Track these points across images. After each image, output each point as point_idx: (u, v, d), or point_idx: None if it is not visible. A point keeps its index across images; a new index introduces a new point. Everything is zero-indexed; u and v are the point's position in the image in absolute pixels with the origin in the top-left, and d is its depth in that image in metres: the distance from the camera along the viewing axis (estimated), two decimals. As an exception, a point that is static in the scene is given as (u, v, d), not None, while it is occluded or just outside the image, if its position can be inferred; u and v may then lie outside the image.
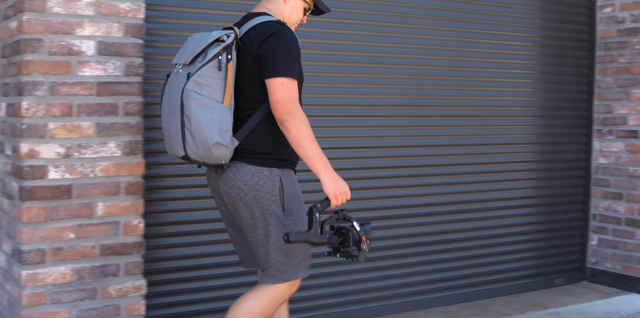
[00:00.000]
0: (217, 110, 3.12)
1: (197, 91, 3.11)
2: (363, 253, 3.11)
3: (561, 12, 5.86)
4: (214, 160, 3.16)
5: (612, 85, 5.94)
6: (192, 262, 4.32)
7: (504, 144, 5.61)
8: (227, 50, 3.14)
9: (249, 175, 3.21)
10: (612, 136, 5.94)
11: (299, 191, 3.32)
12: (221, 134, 3.12)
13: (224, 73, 3.14)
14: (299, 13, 3.46)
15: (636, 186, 5.76)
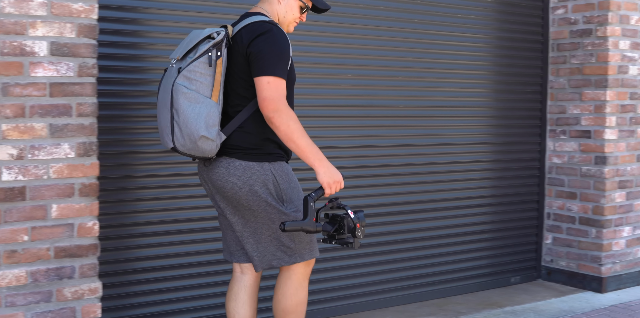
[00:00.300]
0: (204, 104, 3.24)
1: (186, 85, 3.23)
2: (357, 239, 3.24)
3: (514, 14, 5.93)
4: (200, 153, 3.29)
5: (564, 86, 6.02)
6: (166, 262, 4.32)
7: (459, 145, 5.66)
8: (217, 47, 3.26)
9: (241, 170, 3.34)
10: (565, 136, 6.02)
11: (294, 179, 3.45)
12: (207, 128, 3.24)
13: (213, 69, 3.26)
14: (295, 12, 3.54)
15: (589, 186, 5.84)
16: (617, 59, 5.76)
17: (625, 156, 5.86)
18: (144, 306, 4.32)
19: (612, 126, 5.77)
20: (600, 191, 5.77)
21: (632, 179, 5.92)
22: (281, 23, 3.56)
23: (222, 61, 3.29)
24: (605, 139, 5.74)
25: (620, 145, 5.82)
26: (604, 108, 5.74)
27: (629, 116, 5.87)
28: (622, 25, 5.78)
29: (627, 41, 5.82)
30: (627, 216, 5.91)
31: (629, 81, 5.85)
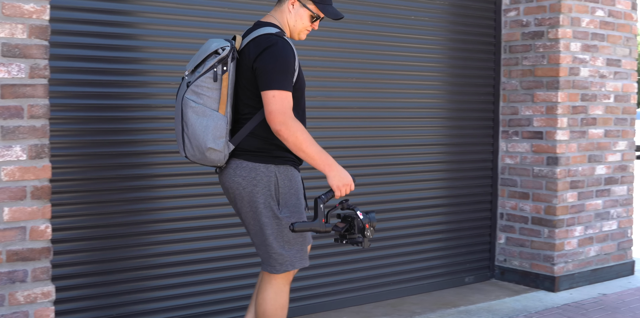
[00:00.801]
0: (212, 118, 3.40)
1: (194, 99, 3.40)
2: (367, 239, 3.39)
3: (467, 16, 5.98)
4: (209, 162, 3.47)
5: (517, 87, 6.09)
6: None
7: (412, 145, 5.69)
8: (222, 62, 3.42)
9: (247, 171, 3.47)
10: (517, 137, 6.08)
11: (297, 186, 3.53)
12: (214, 139, 3.41)
13: (219, 84, 3.41)
14: (304, 21, 3.63)
15: (542, 186, 5.92)
16: (568, 60, 5.84)
17: (577, 156, 5.95)
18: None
19: (564, 127, 5.84)
20: (552, 192, 5.85)
21: (583, 179, 6.00)
22: (292, 31, 3.66)
23: (229, 75, 3.43)
24: (556, 140, 5.82)
25: (571, 146, 5.90)
26: (556, 109, 5.81)
27: (580, 117, 5.95)
28: (573, 27, 5.86)
29: (578, 43, 5.90)
30: (578, 216, 5.99)
31: (580, 83, 5.93)
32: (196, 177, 4.63)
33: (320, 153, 3.42)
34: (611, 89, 6.20)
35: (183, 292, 4.60)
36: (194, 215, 4.64)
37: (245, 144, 3.50)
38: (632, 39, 6.38)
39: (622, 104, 6.30)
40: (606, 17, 6.11)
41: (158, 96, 4.44)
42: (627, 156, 6.37)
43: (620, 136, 6.31)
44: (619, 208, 6.33)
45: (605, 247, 6.22)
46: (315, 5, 3.62)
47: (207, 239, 4.70)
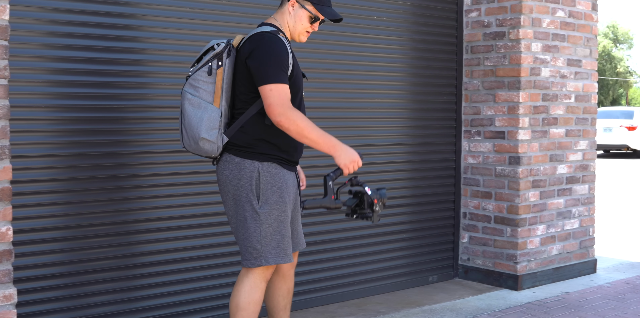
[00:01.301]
0: (207, 110, 3.58)
1: (191, 92, 3.61)
2: (376, 214, 3.54)
3: (429, 16, 6.03)
4: (203, 152, 3.64)
5: (479, 87, 6.15)
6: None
7: (374, 146, 5.73)
8: (217, 57, 3.60)
9: (233, 165, 3.62)
10: (479, 136, 6.14)
11: (281, 184, 3.63)
12: (207, 130, 3.57)
13: (214, 78, 3.59)
14: (303, 22, 3.76)
15: (504, 185, 5.98)
16: (529, 61, 5.91)
17: (538, 156, 6.02)
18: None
19: (525, 126, 5.91)
20: (515, 191, 5.91)
21: (545, 178, 6.07)
22: (292, 33, 3.79)
23: (223, 70, 3.60)
24: (518, 140, 5.88)
25: (533, 145, 5.97)
26: (517, 109, 5.88)
27: (541, 117, 6.02)
28: (534, 28, 5.93)
29: (539, 44, 5.97)
30: (540, 215, 6.06)
31: (541, 83, 6.00)
32: (178, 177, 4.66)
33: (322, 136, 3.59)
34: (572, 89, 6.28)
35: (163, 291, 4.59)
36: (174, 215, 4.66)
37: (235, 138, 3.63)
38: (592, 40, 6.46)
39: (582, 104, 6.39)
40: (567, 18, 6.19)
41: (144, 97, 4.44)
42: (588, 156, 6.46)
43: (581, 135, 6.39)
44: (581, 207, 6.41)
45: (567, 246, 6.30)
46: (313, 6, 3.75)
47: (188, 238, 4.72)
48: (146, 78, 4.56)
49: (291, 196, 3.72)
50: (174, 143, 4.62)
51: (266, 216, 3.61)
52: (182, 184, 4.70)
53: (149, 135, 4.57)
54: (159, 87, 4.61)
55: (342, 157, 3.64)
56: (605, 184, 15.11)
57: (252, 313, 3.70)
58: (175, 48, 4.66)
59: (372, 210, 3.57)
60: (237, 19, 4.90)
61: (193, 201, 4.75)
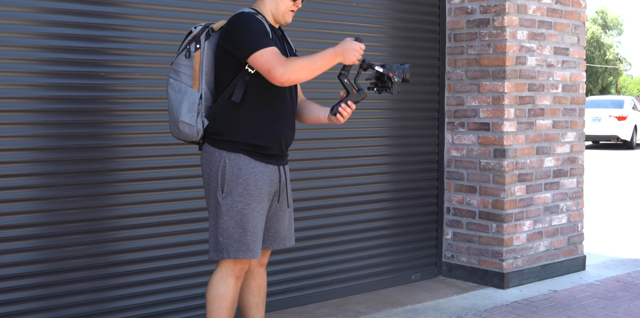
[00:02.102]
0: (187, 93, 3.70)
1: (174, 77, 3.74)
2: (395, 84, 3.74)
3: (410, 3, 6.07)
4: (184, 136, 3.75)
5: (462, 77, 6.20)
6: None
7: (354, 138, 5.77)
8: (195, 39, 3.72)
9: (207, 154, 3.75)
10: (463, 128, 6.20)
11: (246, 176, 3.71)
12: (186, 113, 3.68)
13: (192, 60, 3.71)
14: (286, 1, 3.83)
15: (489, 179, 6.04)
16: (514, 49, 5.97)
17: (525, 148, 6.08)
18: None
19: (511, 118, 5.97)
20: (500, 185, 5.97)
21: (531, 172, 6.14)
22: (276, 16, 3.86)
23: (202, 52, 3.71)
24: (504, 132, 5.94)
25: (519, 137, 6.03)
26: (502, 100, 5.94)
27: (527, 107, 6.09)
28: (519, 15, 5.98)
29: (524, 31, 6.03)
30: (527, 210, 6.13)
31: (527, 72, 6.07)
32: (156, 171, 4.71)
33: (322, 58, 3.65)
34: (559, 78, 6.34)
35: (141, 291, 4.61)
36: (155, 211, 4.71)
37: (210, 125, 3.73)
38: (580, 27, 6.53)
39: (570, 94, 6.46)
40: (553, 5, 6.25)
41: (119, 87, 4.45)
42: (576, 148, 6.53)
43: (569, 127, 6.46)
44: (569, 202, 6.49)
45: (555, 242, 6.38)
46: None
47: (168, 235, 4.78)
48: (129, 68, 4.58)
49: (264, 190, 3.75)
50: (155, 136, 4.69)
51: (228, 208, 3.69)
52: (164, 178, 4.73)
53: (131, 128, 4.60)
54: (143, 78, 4.66)
55: (340, 52, 3.69)
56: (595, 177, 15.24)
57: (217, 308, 3.76)
58: (159, 37, 4.70)
59: (391, 81, 3.75)
60: (223, 6, 4.93)
61: (172, 197, 4.78)
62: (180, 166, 4.82)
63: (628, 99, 25.56)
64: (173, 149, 4.77)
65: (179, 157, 4.81)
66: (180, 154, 4.81)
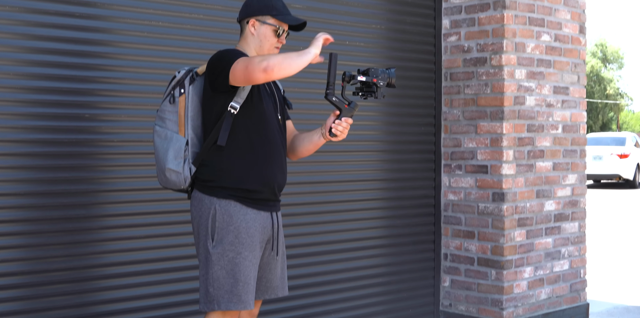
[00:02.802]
0: (173, 140, 3.75)
1: (159, 124, 3.79)
2: (380, 89, 3.82)
3: (404, 41, 6.14)
4: (172, 185, 3.78)
5: (459, 117, 6.26)
6: None
7: (347, 181, 5.80)
8: (179, 84, 3.79)
9: (196, 202, 3.77)
10: (460, 171, 6.25)
11: (239, 223, 3.72)
12: (172, 160, 3.73)
13: (177, 106, 3.78)
14: (269, 38, 3.89)
15: (488, 224, 6.07)
16: (513, 89, 6.04)
17: (524, 192, 6.13)
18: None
19: (510, 160, 6.03)
20: (499, 230, 6.01)
21: (531, 216, 6.18)
22: (261, 53, 3.90)
23: (186, 97, 3.78)
24: (502, 175, 5.99)
25: (518, 180, 6.08)
26: (501, 141, 6.00)
27: (526, 149, 6.15)
28: (517, 53, 6.07)
29: (523, 70, 6.11)
30: (527, 256, 6.16)
31: (525, 112, 6.13)
32: (143, 217, 4.72)
33: (298, 59, 3.59)
34: (559, 118, 6.41)
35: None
36: (139, 259, 4.68)
37: (198, 172, 3.77)
38: (580, 65, 6.62)
39: (571, 135, 6.53)
40: (552, 42, 6.34)
41: (104, 130, 4.48)
42: (577, 191, 6.59)
43: (570, 169, 6.52)
44: (571, 247, 6.53)
45: (557, 289, 6.40)
46: (274, 18, 3.88)
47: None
48: (115, 110, 4.62)
49: (255, 238, 3.77)
50: (141, 180, 4.74)
51: (218, 258, 3.69)
52: (151, 224, 4.74)
53: (117, 171, 4.62)
54: (129, 120, 4.71)
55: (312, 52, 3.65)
56: (596, 219, 15.28)
57: None
58: (146, 77, 4.76)
59: (376, 86, 3.81)
60: (212, 45, 4.99)
61: (160, 244, 4.79)
62: (168, 211, 4.85)
63: (630, 136, 25.70)
64: (160, 194, 4.80)
65: (167, 202, 4.84)
66: (168, 200, 4.84)
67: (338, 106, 3.79)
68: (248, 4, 3.89)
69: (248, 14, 3.87)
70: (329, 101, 3.77)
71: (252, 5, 3.87)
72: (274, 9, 3.86)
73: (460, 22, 6.25)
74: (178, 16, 4.91)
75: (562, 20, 6.42)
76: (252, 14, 3.86)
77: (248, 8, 3.88)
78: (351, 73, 3.81)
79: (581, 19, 6.61)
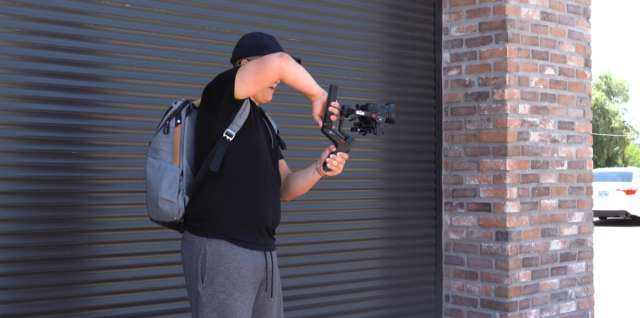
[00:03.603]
0: (167, 170, 3.74)
1: (152, 156, 3.77)
2: (379, 125, 3.83)
3: (404, 75, 6.16)
4: (164, 216, 3.73)
5: (460, 154, 6.27)
6: None
7: (346, 220, 5.78)
8: (175, 114, 3.80)
9: (187, 243, 3.74)
10: (462, 209, 6.24)
11: (230, 264, 3.68)
12: (166, 190, 3.71)
13: (172, 136, 3.77)
14: None
15: (491, 264, 6.05)
16: (516, 124, 6.05)
17: (529, 230, 6.12)
18: None
19: (513, 198, 6.02)
20: (503, 271, 5.99)
21: (537, 256, 6.17)
22: (256, 97, 3.91)
23: (182, 127, 3.78)
24: (506, 213, 5.99)
25: (522, 219, 6.08)
26: (504, 178, 6.00)
27: (531, 186, 6.15)
28: (520, 87, 6.09)
29: (526, 105, 6.13)
30: (533, 298, 6.13)
31: (529, 149, 6.14)
32: (132, 258, 4.71)
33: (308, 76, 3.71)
34: (564, 154, 6.43)
35: None
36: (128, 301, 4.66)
37: (190, 205, 3.75)
38: (585, 99, 6.64)
39: (576, 172, 6.53)
40: (557, 76, 6.37)
41: (91, 167, 4.48)
42: (584, 229, 6.58)
43: (576, 206, 6.52)
44: (578, 288, 6.51)
45: (563, 332, 6.37)
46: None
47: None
48: (103, 147, 4.62)
49: (247, 279, 3.74)
50: (130, 219, 4.73)
51: (209, 299, 3.65)
52: (140, 265, 4.73)
53: (105, 211, 4.62)
54: (118, 157, 4.72)
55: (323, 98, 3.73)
56: (603, 258, 15.26)
57: None
58: (136, 113, 4.79)
59: (375, 121, 3.82)
60: (206, 80, 5.01)
61: (149, 286, 4.77)
62: (159, 252, 4.83)
63: (637, 171, 25.72)
64: (151, 233, 4.79)
65: (157, 242, 4.82)
66: (159, 240, 4.82)
67: (334, 140, 3.78)
68: (240, 45, 3.92)
69: (241, 54, 3.90)
70: (325, 135, 3.75)
71: (244, 46, 3.90)
72: (266, 48, 3.88)
73: (461, 56, 6.28)
74: (170, 50, 4.93)
75: (566, 54, 6.46)
76: (244, 55, 3.89)
77: (240, 48, 3.91)
78: (350, 107, 3.81)
79: (586, 52, 6.65)
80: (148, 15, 4.83)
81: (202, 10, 5.07)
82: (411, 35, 6.25)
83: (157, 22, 4.87)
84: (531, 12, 6.20)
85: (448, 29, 6.37)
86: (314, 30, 5.63)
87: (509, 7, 6.05)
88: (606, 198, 24.38)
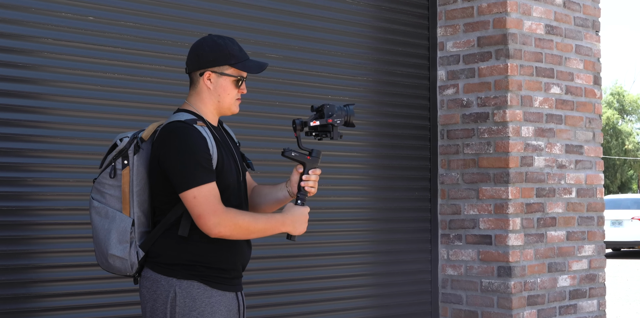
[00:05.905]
0: (115, 220, 3.58)
1: (97, 198, 3.61)
2: (336, 128, 3.81)
3: (396, 95, 6.17)
4: (116, 271, 3.62)
5: (458, 181, 6.27)
6: None
7: (330, 255, 5.77)
8: (122, 155, 3.60)
9: (149, 283, 3.60)
10: (460, 241, 6.23)
11: (203, 308, 3.60)
12: (116, 245, 3.57)
13: (119, 180, 3.60)
14: (230, 90, 3.75)
15: (492, 303, 6.04)
16: (519, 148, 6.06)
17: (534, 265, 6.11)
18: None
19: (517, 229, 6.02)
20: (506, 310, 5.98)
21: (543, 293, 6.16)
22: (220, 108, 3.79)
23: (131, 170, 3.60)
24: (509, 246, 5.98)
25: (527, 252, 6.07)
26: (506, 208, 6.00)
27: (536, 216, 6.15)
28: (523, 108, 6.10)
29: (530, 127, 6.14)
30: (539, 340, 6.13)
31: (534, 175, 6.15)
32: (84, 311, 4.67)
33: (266, 224, 3.63)
34: (572, 181, 6.43)
35: None
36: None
37: (153, 252, 3.61)
38: (595, 121, 6.66)
39: (586, 200, 6.54)
40: (563, 95, 6.39)
41: (31, 212, 4.47)
42: (595, 263, 6.58)
43: (586, 238, 6.52)
44: (588, 328, 6.51)
45: (573, 377, 6.36)
46: (233, 67, 3.76)
47: None
48: (43, 187, 4.60)
49: None
50: (78, 269, 4.68)
51: None
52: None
53: (49, 258, 4.59)
54: (60, 199, 4.68)
55: (296, 227, 3.70)
56: (616, 294, 15.25)
57: None
58: (78, 150, 4.75)
59: (332, 125, 3.80)
60: (155, 111, 4.99)
61: None
62: (114, 291, 4.78)
63: (653, 198, 25.71)
64: (102, 284, 4.77)
65: (113, 280, 4.76)
66: (115, 278, 4.78)
67: (300, 160, 3.76)
68: (200, 54, 3.72)
69: (201, 65, 3.71)
70: (288, 158, 3.74)
71: (206, 55, 3.72)
72: (232, 57, 3.73)
73: (458, 73, 6.29)
74: (111, 78, 4.89)
75: (574, 70, 6.48)
76: (207, 66, 3.71)
77: (200, 58, 3.71)
78: (302, 120, 3.78)
79: (595, 69, 6.68)
80: (113, 30, 4.84)
81: (175, 24, 5.08)
82: (403, 51, 6.26)
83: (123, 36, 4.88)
84: (535, 25, 6.23)
85: (444, 44, 6.39)
86: (296, 45, 5.65)
87: (510, 20, 6.07)
88: (620, 227, 24.35)
